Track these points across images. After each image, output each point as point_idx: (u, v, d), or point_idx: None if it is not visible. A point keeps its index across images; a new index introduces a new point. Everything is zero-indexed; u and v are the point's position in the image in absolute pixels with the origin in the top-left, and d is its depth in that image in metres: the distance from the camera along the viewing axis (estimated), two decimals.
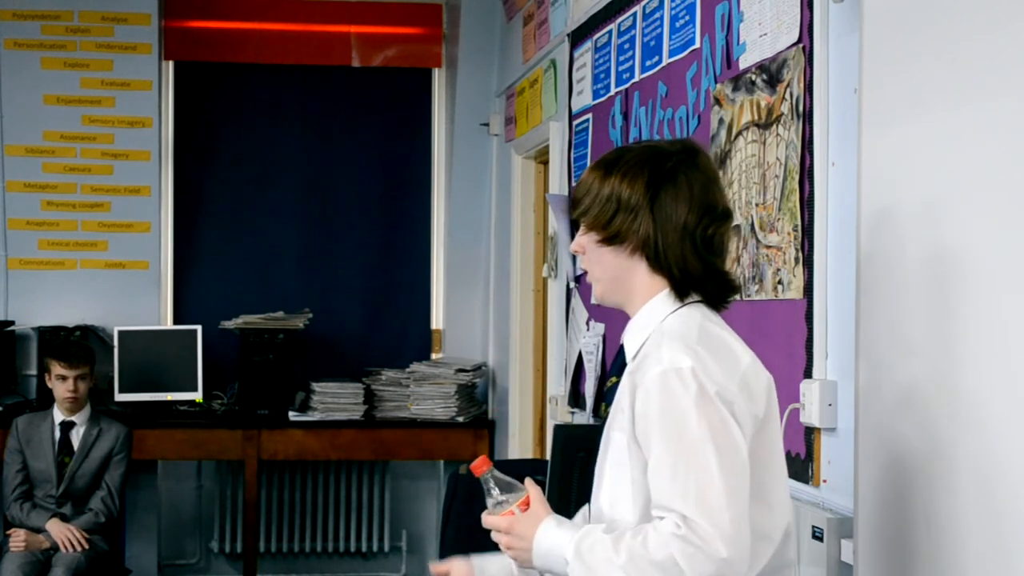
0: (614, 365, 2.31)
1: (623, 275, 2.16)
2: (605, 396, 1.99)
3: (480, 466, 2.18)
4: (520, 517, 2.12)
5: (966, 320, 2.23)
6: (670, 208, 2.10)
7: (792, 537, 2.15)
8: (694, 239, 2.11)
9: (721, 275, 2.16)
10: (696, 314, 2.12)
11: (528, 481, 2.18)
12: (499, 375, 6.60)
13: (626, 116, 4.34)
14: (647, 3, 4.15)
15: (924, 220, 2.38)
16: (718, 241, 2.15)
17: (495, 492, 2.17)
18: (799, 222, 2.99)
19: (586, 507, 2.29)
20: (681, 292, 2.14)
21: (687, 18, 3.77)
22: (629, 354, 2.18)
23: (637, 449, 2.06)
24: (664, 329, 2.10)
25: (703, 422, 1.97)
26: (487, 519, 2.17)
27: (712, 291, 2.16)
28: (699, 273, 2.13)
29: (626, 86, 4.34)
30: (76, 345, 5.69)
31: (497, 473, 2.19)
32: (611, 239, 2.14)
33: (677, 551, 1.91)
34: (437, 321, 7.13)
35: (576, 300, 4.93)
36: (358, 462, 6.99)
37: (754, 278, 3.21)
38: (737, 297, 2.25)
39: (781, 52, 3.11)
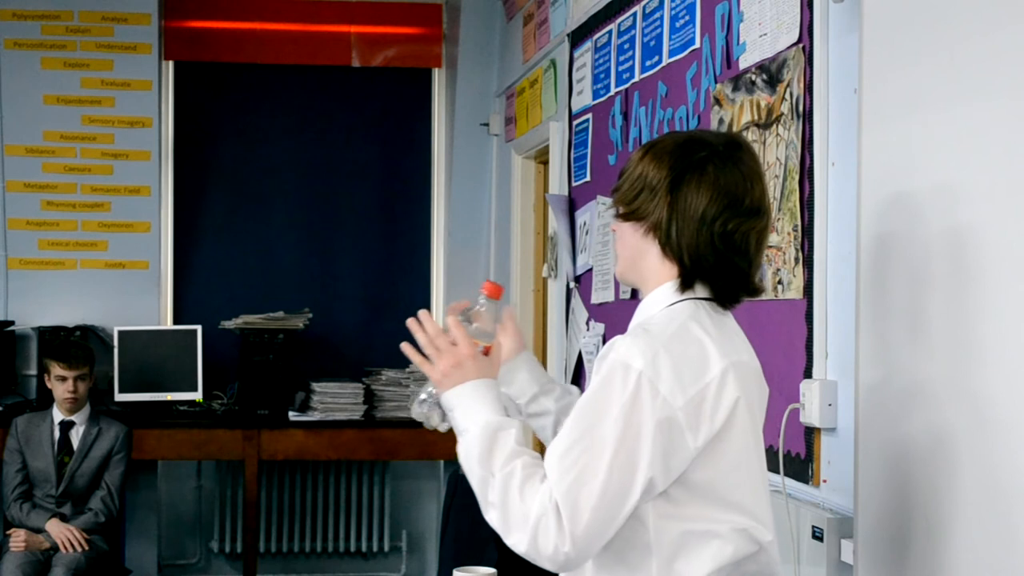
0: None
1: (638, 255, 2.16)
2: None
3: (493, 290, 2.25)
4: (476, 356, 2.16)
5: (967, 319, 2.23)
6: (691, 196, 2.09)
7: (769, 550, 2.10)
8: (712, 231, 2.08)
9: (738, 273, 2.11)
10: (687, 311, 2.09)
11: (507, 327, 2.28)
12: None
13: (626, 116, 4.34)
14: (647, 3, 4.15)
15: (924, 220, 2.38)
16: (740, 238, 2.09)
17: (482, 311, 2.23)
18: (799, 222, 2.99)
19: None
20: (687, 283, 2.12)
21: (687, 18, 3.77)
22: None
23: None
24: (649, 321, 2.10)
25: (617, 427, 1.97)
26: (453, 323, 2.22)
27: (722, 287, 2.13)
28: (711, 265, 2.09)
29: (626, 86, 4.34)
30: (75, 345, 5.68)
31: (492, 309, 2.24)
32: (630, 215, 2.15)
33: (536, 519, 1.96)
34: (437, 321, 7.11)
35: (576, 300, 4.92)
36: (358, 462, 6.99)
37: None
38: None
39: (781, 52, 3.11)
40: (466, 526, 4.05)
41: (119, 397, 6.36)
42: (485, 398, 2.11)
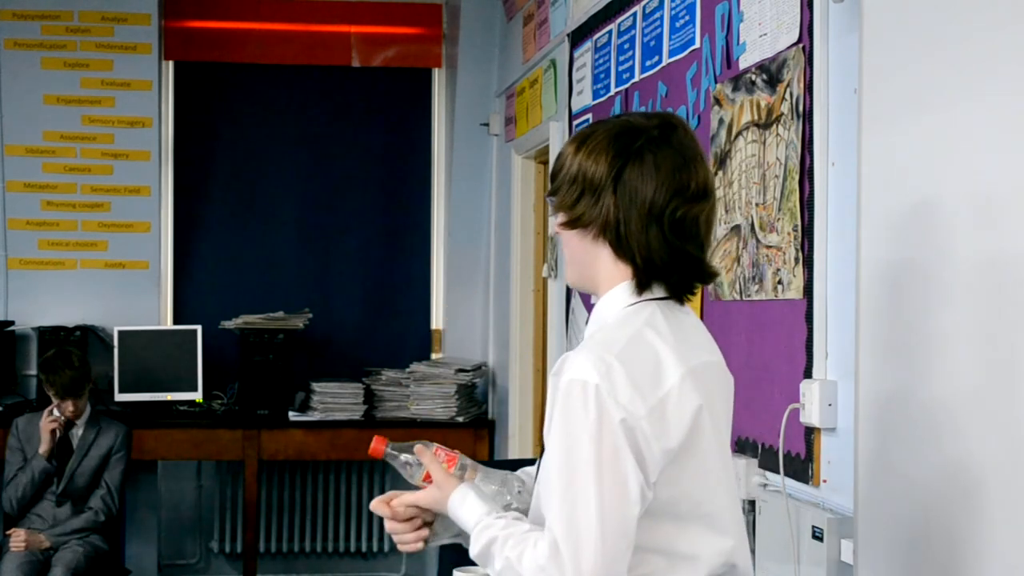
0: None
1: (589, 260, 2.04)
2: None
3: (378, 447, 2.24)
4: (432, 491, 2.18)
5: (966, 320, 2.23)
6: (634, 189, 1.97)
7: (740, 567, 2.04)
8: (661, 222, 1.97)
9: (692, 261, 2.01)
10: (642, 315, 1.99)
11: (418, 449, 2.20)
12: (499, 375, 6.60)
13: None
14: (647, 3, 4.15)
15: (924, 219, 2.38)
16: (690, 223, 1.99)
17: (408, 459, 2.22)
18: (799, 222, 2.99)
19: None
20: (643, 283, 2.00)
21: (687, 18, 3.77)
22: None
23: None
24: (602, 331, 2.01)
25: (592, 450, 1.87)
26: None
27: (677, 282, 2.02)
28: (664, 261, 1.99)
29: (626, 86, 4.34)
30: (69, 373, 5.34)
31: (397, 446, 2.25)
32: (574, 222, 2.03)
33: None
34: (437, 321, 7.13)
35: (576, 300, 4.93)
36: (358, 462, 6.99)
37: (754, 278, 3.21)
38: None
39: (781, 52, 3.11)
40: None
41: (119, 397, 6.36)
42: (464, 516, 2.11)
